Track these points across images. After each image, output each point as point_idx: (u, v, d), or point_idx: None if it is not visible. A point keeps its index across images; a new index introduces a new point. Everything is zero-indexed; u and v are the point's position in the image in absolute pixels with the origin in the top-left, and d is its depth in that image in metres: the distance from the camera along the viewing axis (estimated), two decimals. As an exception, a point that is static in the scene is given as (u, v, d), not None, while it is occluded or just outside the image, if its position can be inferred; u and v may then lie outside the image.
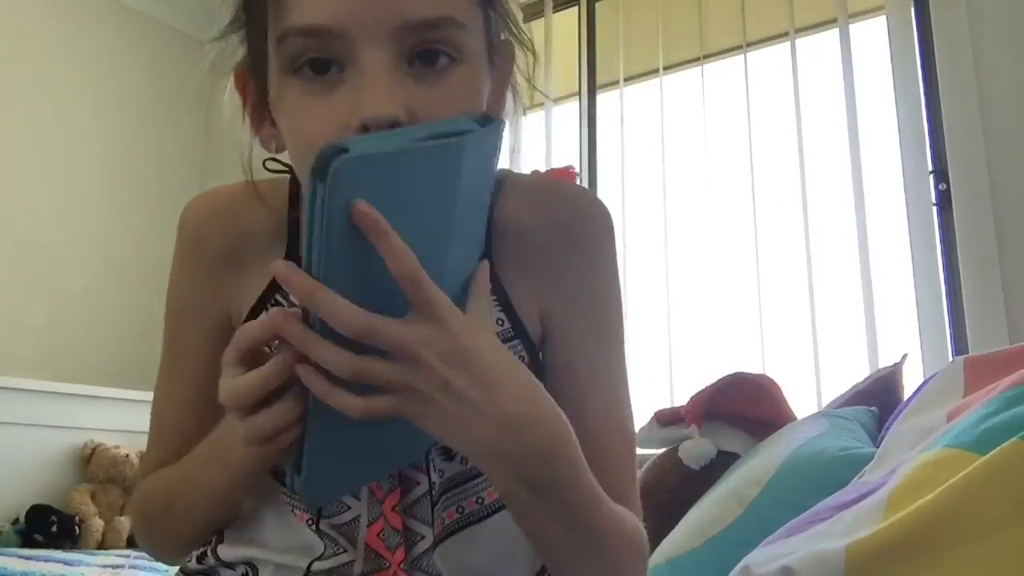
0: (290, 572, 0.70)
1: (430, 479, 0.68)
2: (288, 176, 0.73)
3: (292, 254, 0.71)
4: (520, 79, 0.72)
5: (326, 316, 0.50)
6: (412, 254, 0.50)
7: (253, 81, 0.67)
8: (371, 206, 0.49)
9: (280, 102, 0.61)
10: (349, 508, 0.69)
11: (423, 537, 0.68)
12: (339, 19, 0.56)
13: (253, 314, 0.71)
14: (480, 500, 0.70)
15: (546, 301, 0.70)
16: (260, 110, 0.67)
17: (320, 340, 0.51)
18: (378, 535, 0.69)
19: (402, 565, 0.68)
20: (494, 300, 0.67)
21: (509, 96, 0.71)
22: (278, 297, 0.71)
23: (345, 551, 0.69)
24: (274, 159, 0.72)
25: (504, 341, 0.68)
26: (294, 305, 0.63)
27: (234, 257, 0.72)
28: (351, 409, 0.52)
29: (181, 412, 0.75)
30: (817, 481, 1.02)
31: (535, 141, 2.71)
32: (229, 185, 0.75)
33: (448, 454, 0.69)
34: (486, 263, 0.60)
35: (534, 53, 0.70)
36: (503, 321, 0.68)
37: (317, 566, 0.68)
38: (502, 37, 0.68)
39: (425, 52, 0.58)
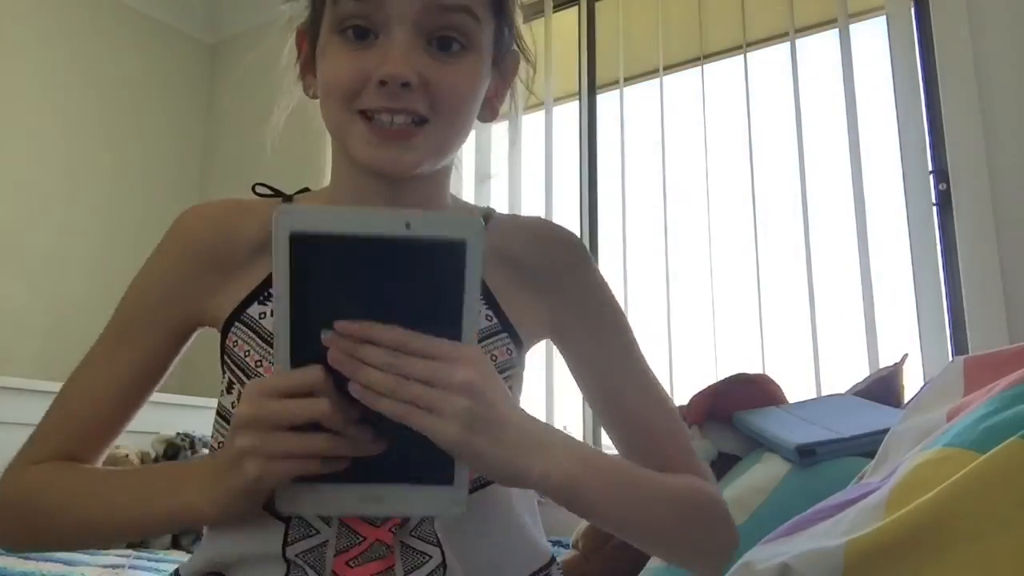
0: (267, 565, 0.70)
1: None
2: (279, 199, 0.83)
3: None
4: (520, 87, 0.85)
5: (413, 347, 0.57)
6: (398, 332, 0.56)
7: (308, 39, 0.79)
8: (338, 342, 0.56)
9: (324, 52, 0.75)
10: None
11: None
12: None
13: (243, 306, 0.77)
14: None
15: (555, 314, 0.82)
16: (309, 64, 0.80)
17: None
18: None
19: (393, 529, 0.70)
20: (482, 300, 0.77)
21: (508, 97, 0.84)
22: (270, 291, 0.75)
23: (319, 531, 0.70)
24: (263, 184, 0.83)
25: (492, 334, 0.78)
26: None
27: (222, 262, 0.78)
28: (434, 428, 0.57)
29: (105, 404, 0.77)
30: (822, 490, 1.02)
31: (535, 141, 2.71)
32: (223, 199, 0.83)
33: None
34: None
35: (534, 67, 0.85)
36: (491, 317, 0.78)
37: (291, 551, 0.69)
38: (512, 48, 0.81)
39: (442, 38, 0.72)
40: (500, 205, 2.69)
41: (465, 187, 2.63)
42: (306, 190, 0.87)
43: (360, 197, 0.78)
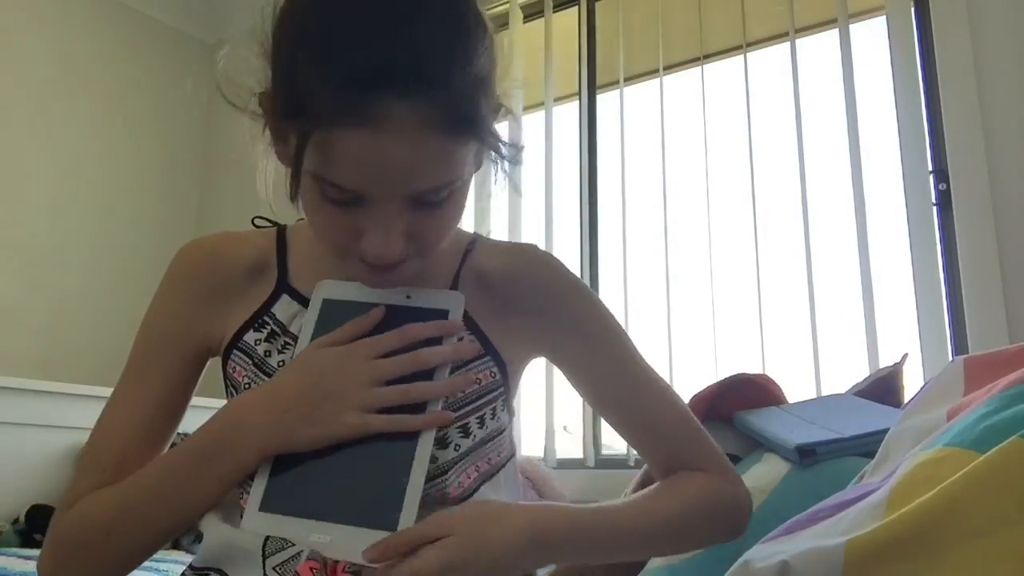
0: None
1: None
2: (275, 228, 0.87)
3: (281, 284, 0.83)
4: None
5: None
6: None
7: (274, 118, 0.73)
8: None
9: (307, 194, 0.71)
10: None
11: None
12: (364, 188, 0.67)
13: (240, 333, 0.81)
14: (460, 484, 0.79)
15: (541, 333, 0.84)
16: (279, 128, 0.73)
17: None
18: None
19: None
20: (465, 329, 0.80)
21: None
22: (265, 318, 0.82)
23: (292, 544, 0.74)
24: (261, 217, 0.87)
25: (476, 358, 0.80)
26: (281, 324, 0.81)
27: (221, 289, 0.83)
28: None
29: (132, 435, 0.79)
30: (822, 490, 1.02)
31: (535, 141, 2.71)
32: (218, 232, 0.88)
33: (465, 431, 0.78)
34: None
35: (518, 162, 0.80)
36: (474, 341, 0.81)
37: (269, 562, 0.74)
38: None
39: (428, 200, 0.70)
40: (500, 205, 2.69)
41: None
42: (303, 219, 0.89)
43: None
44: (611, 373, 0.85)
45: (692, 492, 0.80)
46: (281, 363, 0.79)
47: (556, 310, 0.84)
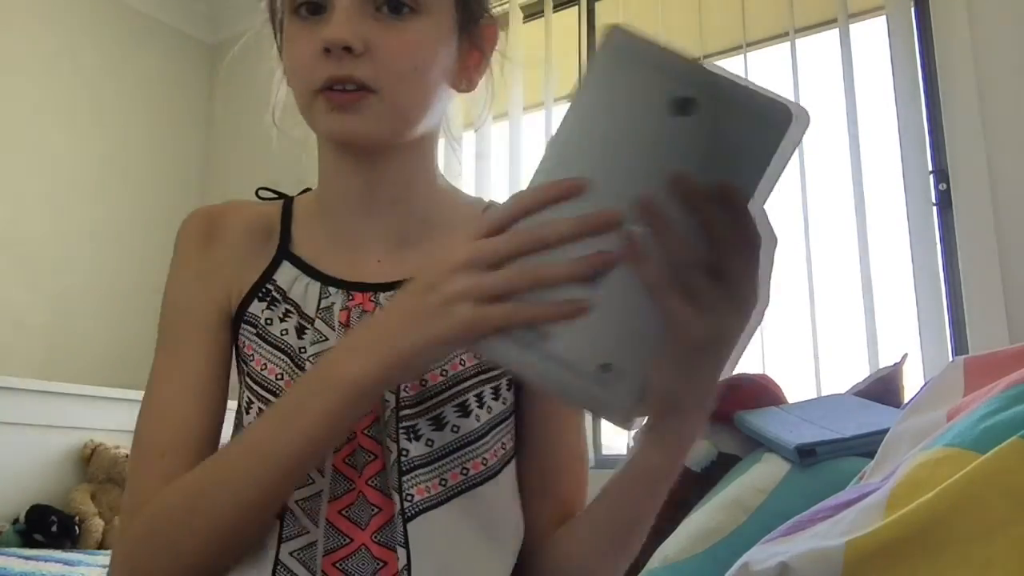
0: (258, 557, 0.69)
1: (399, 447, 0.71)
2: (280, 201, 0.85)
3: (282, 251, 0.80)
4: (496, 71, 0.83)
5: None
6: None
7: (276, 32, 0.82)
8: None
9: (285, 38, 0.76)
10: (312, 482, 0.71)
11: (380, 510, 0.71)
12: None
13: (246, 304, 0.78)
14: (465, 471, 0.73)
15: None
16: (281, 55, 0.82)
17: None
18: (340, 511, 0.71)
19: (374, 537, 0.70)
20: None
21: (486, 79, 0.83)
22: (267, 286, 0.78)
23: (308, 531, 0.70)
24: (266, 188, 0.85)
25: None
26: (282, 290, 0.76)
27: (229, 250, 0.80)
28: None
29: (183, 405, 0.74)
30: (822, 490, 1.02)
31: (535, 141, 2.71)
32: (221, 203, 0.85)
33: (439, 424, 0.72)
34: None
35: (504, 28, 0.83)
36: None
37: (284, 548, 0.69)
38: (485, 15, 0.79)
39: (390, 2, 0.71)
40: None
41: (465, 172, 2.62)
42: (308, 190, 0.88)
43: (340, 179, 0.79)
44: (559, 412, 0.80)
45: None
46: (284, 331, 0.75)
47: None
